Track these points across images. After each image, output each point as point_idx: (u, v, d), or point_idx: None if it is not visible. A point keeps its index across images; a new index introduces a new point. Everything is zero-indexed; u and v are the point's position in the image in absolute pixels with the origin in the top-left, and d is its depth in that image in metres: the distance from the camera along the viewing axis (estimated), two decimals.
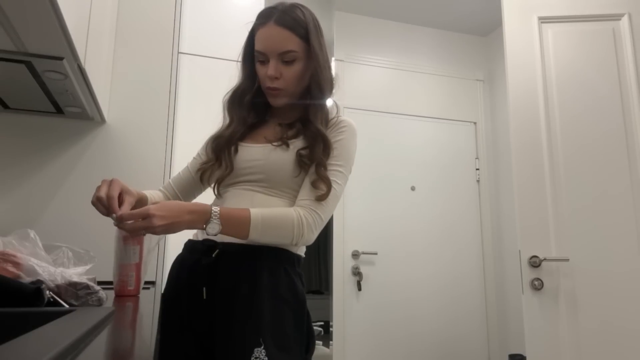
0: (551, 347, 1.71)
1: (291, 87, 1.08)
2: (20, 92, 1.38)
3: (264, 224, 0.96)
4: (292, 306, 1.01)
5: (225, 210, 0.96)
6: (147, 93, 1.76)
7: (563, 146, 1.84)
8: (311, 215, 1.00)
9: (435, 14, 3.19)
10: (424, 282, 2.98)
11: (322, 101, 1.09)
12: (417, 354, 2.88)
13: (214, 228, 0.93)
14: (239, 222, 0.96)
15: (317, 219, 1.01)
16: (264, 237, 0.98)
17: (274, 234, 0.98)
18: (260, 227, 0.96)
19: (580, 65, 1.90)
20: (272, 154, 1.05)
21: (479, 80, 3.37)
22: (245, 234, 0.96)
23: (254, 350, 0.91)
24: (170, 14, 1.84)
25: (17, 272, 0.79)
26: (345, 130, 1.09)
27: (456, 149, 3.23)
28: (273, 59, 1.05)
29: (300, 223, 0.99)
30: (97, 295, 0.84)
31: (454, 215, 3.13)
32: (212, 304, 0.99)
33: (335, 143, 1.07)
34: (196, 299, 1.00)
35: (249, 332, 0.94)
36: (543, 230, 1.78)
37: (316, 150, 1.04)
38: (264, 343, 0.92)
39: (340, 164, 1.06)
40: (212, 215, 0.93)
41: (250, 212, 0.96)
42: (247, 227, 0.95)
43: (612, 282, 1.72)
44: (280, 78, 1.06)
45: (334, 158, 1.06)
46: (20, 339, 0.48)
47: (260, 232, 0.96)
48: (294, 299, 1.01)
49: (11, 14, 0.87)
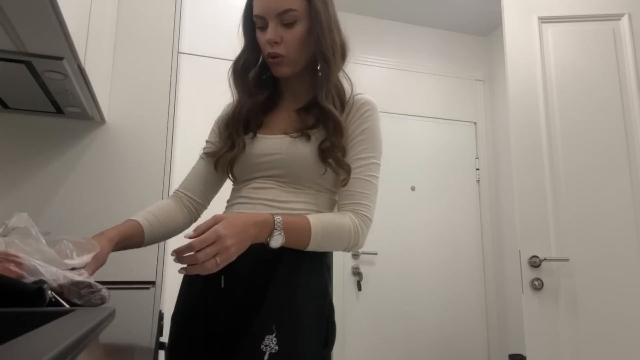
0: (551, 347, 1.71)
1: (293, 52, 0.97)
2: (20, 92, 1.38)
3: (324, 235, 0.91)
4: (312, 295, 0.93)
5: (287, 220, 0.89)
6: (147, 93, 1.76)
7: (563, 146, 1.84)
8: (364, 221, 0.96)
9: (435, 14, 3.19)
10: (424, 282, 2.98)
11: (330, 70, 0.98)
12: (417, 354, 2.88)
13: (277, 241, 0.87)
14: (301, 233, 0.90)
15: (368, 223, 0.97)
16: (320, 247, 0.93)
17: (331, 244, 0.94)
18: (320, 239, 0.91)
19: (581, 65, 1.90)
20: (292, 147, 0.97)
21: (479, 80, 3.37)
22: (305, 244, 0.91)
23: (265, 337, 0.85)
24: (170, 14, 1.84)
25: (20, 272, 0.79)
26: (370, 115, 1.00)
27: (456, 149, 3.23)
28: (272, 22, 0.95)
29: (356, 232, 0.94)
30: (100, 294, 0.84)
31: (454, 215, 3.13)
32: (231, 293, 0.94)
33: (363, 132, 0.99)
34: (214, 288, 0.95)
35: (262, 319, 0.88)
36: (543, 230, 1.78)
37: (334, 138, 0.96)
38: (276, 330, 0.86)
39: (373, 155, 0.99)
40: (276, 226, 0.87)
41: (310, 223, 0.91)
42: (308, 238, 0.90)
43: (612, 282, 1.72)
44: (281, 43, 0.96)
45: (366, 150, 0.99)
46: (20, 339, 0.48)
47: (319, 243, 0.92)
48: (315, 289, 0.94)
49: (11, 14, 0.87)
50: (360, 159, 0.98)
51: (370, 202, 0.98)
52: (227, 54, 2.10)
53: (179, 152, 1.83)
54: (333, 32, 0.99)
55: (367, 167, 0.98)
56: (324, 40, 0.96)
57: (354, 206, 0.97)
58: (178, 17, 1.87)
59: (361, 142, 0.99)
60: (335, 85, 1.00)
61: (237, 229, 0.82)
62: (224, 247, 0.79)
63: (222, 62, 2.04)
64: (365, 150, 0.99)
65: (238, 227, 0.82)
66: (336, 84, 1.00)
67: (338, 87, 1.01)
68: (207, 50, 2.02)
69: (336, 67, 0.99)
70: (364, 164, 0.98)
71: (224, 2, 2.10)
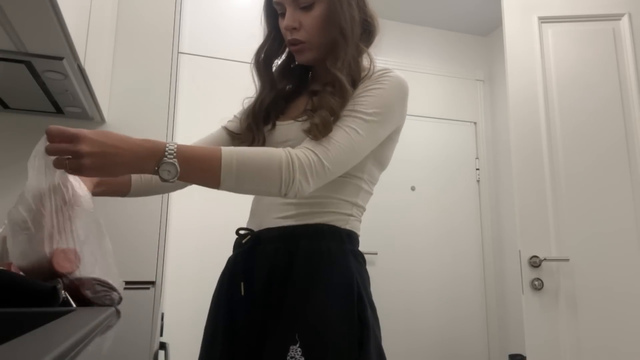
0: (551, 347, 1.70)
1: (314, 37, 0.91)
2: (20, 92, 1.38)
3: (240, 165, 0.74)
4: (335, 294, 0.83)
5: (185, 147, 0.73)
6: (147, 93, 1.76)
7: (563, 146, 1.84)
8: (307, 156, 0.78)
9: (435, 14, 3.19)
10: (424, 282, 2.98)
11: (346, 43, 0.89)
12: (417, 354, 2.88)
13: (169, 171, 0.70)
14: (205, 162, 0.73)
15: (316, 162, 0.78)
16: (240, 183, 0.75)
17: (254, 178, 0.76)
18: (235, 172, 0.74)
19: (581, 65, 1.90)
20: (300, 132, 0.86)
21: (479, 80, 3.37)
22: (216, 180, 0.74)
23: (290, 348, 0.77)
24: (170, 14, 1.84)
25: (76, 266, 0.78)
26: (387, 81, 0.87)
27: (456, 149, 3.23)
28: (289, 7, 0.90)
29: (289, 165, 0.76)
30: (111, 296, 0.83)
31: (454, 215, 3.13)
32: (252, 300, 0.87)
33: (368, 92, 0.86)
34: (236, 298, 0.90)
35: (284, 327, 0.81)
36: (543, 230, 1.78)
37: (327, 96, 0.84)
38: (299, 340, 0.78)
39: (366, 112, 0.83)
40: (167, 152, 0.71)
41: (221, 151, 0.74)
42: (217, 171, 0.73)
43: (612, 282, 1.72)
44: (300, 28, 0.90)
45: (360, 105, 0.84)
46: (20, 339, 0.48)
47: (236, 177, 0.74)
48: (338, 285, 0.84)
49: (11, 14, 0.87)
50: (349, 111, 0.84)
51: (332, 147, 0.80)
52: (227, 54, 2.11)
53: None
54: (353, 8, 0.91)
55: (352, 119, 0.83)
56: (342, 15, 0.89)
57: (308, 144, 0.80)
58: (178, 17, 1.87)
59: (361, 98, 0.85)
60: (350, 62, 0.89)
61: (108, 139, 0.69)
62: (76, 151, 0.67)
63: (222, 62, 2.05)
64: (360, 105, 0.84)
65: (109, 139, 0.69)
66: (351, 62, 0.90)
67: (352, 66, 0.90)
68: (207, 50, 2.02)
69: (352, 42, 0.90)
70: (350, 115, 0.83)
71: (224, 2, 2.10)
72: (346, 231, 0.90)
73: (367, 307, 0.86)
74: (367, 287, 0.90)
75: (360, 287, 0.86)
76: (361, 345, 0.81)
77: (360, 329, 0.82)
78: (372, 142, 0.86)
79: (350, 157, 0.83)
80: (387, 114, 0.87)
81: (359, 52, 0.93)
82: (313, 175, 0.78)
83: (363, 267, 0.92)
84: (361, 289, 0.86)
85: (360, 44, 0.93)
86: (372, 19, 0.97)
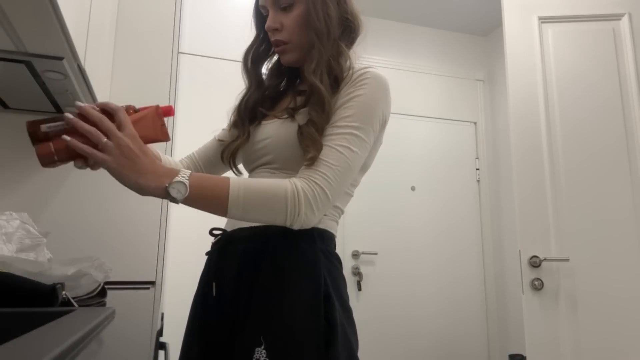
0: (551, 347, 1.70)
1: (295, 37, 0.92)
2: (20, 92, 1.38)
3: (247, 196, 0.76)
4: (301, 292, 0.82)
5: (199, 174, 0.77)
6: (147, 93, 1.76)
7: (563, 145, 1.84)
8: (311, 188, 0.79)
9: (435, 14, 3.19)
10: (424, 282, 2.98)
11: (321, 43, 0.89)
12: (417, 354, 2.88)
13: (179, 190, 0.73)
14: (214, 188, 0.76)
15: (320, 194, 0.79)
16: (247, 212, 0.78)
17: (260, 210, 0.78)
18: (242, 201, 0.76)
19: (581, 65, 1.90)
20: (280, 130, 0.89)
21: (479, 80, 3.37)
22: (221, 206, 0.76)
23: (255, 350, 0.77)
24: (170, 14, 1.84)
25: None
26: (367, 84, 0.86)
27: (456, 149, 3.23)
28: (271, 9, 0.92)
29: (295, 197, 0.78)
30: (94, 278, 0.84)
31: (454, 215, 3.13)
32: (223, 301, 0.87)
33: (352, 99, 0.85)
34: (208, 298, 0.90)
35: (249, 329, 0.80)
36: (543, 230, 1.78)
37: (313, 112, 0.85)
38: (264, 342, 0.77)
39: (354, 125, 0.83)
40: (181, 172, 0.74)
41: (230, 180, 0.77)
42: (225, 198, 0.76)
43: (612, 282, 1.72)
44: (282, 29, 0.92)
45: (347, 118, 0.84)
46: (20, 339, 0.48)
47: (243, 207, 0.76)
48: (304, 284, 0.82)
49: (11, 14, 0.87)
50: (337, 126, 0.84)
51: (331, 173, 0.80)
52: (226, 54, 2.11)
53: (179, 152, 1.82)
54: (328, 6, 0.91)
55: (342, 136, 0.83)
56: (316, 13, 0.89)
57: (307, 172, 0.81)
58: (178, 17, 1.87)
59: (346, 109, 0.85)
60: (328, 61, 0.89)
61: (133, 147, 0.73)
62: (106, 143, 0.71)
63: (222, 62, 2.05)
64: (346, 119, 0.84)
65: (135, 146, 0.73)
66: (329, 60, 0.89)
67: (331, 64, 0.89)
68: (207, 50, 2.02)
69: (328, 41, 0.90)
70: (339, 132, 0.83)
71: (224, 2, 2.10)
72: (318, 230, 0.88)
73: (336, 307, 0.84)
74: (340, 288, 0.89)
75: (329, 287, 0.84)
76: (327, 346, 0.79)
77: (327, 329, 0.80)
78: (364, 154, 0.87)
79: (347, 177, 0.83)
80: (374, 120, 0.87)
81: (339, 51, 0.92)
82: (319, 206, 0.80)
83: (335, 266, 0.89)
84: (330, 288, 0.84)
85: (340, 42, 0.93)
86: (353, 17, 0.97)
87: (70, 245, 1.50)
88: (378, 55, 3.15)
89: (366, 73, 0.88)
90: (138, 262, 1.60)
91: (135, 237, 1.60)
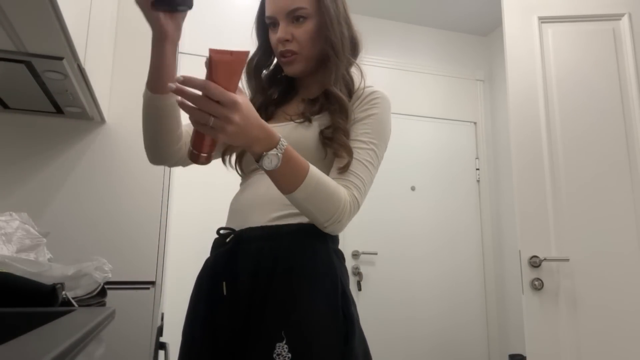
0: (551, 347, 1.71)
1: (305, 49, 0.97)
2: (20, 92, 1.38)
3: (318, 186, 0.82)
4: (320, 288, 0.86)
5: (292, 150, 0.80)
6: None
7: (563, 146, 1.84)
8: (353, 202, 0.88)
9: (435, 14, 3.19)
10: (424, 282, 2.98)
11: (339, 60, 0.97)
12: (417, 354, 2.88)
13: (272, 161, 0.76)
14: (297, 169, 0.80)
15: (355, 207, 0.89)
16: (307, 201, 0.83)
17: (319, 204, 0.83)
18: (312, 190, 0.82)
19: (580, 65, 1.90)
20: (294, 132, 0.94)
21: (479, 80, 3.37)
22: (293, 186, 0.81)
23: (276, 345, 0.79)
24: None
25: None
26: (379, 103, 0.96)
27: (456, 149, 3.23)
28: (282, 21, 0.97)
29: (346, 205, 0.86)
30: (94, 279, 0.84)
31: (454, 215, 3.13)
32: (235, 300, 0.88)
33: (369, 117, 0.94)
34: (217, 298, 0.90)
35: (269, 325, 0.82)
36: (543, 230, 1.78)
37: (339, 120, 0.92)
38: (286, 337, 0.80)
39: (373, 142, 0.93)
40: (279, 145, 0.76)
41: (310, 168, 0.82)
42: (301, 181, 0.80)
43: (612, 282, 1.72)
44: (293, 40, 0.97)
45: (367, 134, 0.93)
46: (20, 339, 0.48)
47: (309, 194, 0.82)
48: (322, 280, 0.87)
49: (11, 14, 0.87)
50: (361, 141, 0.92)
51: (362, 187, 0.90)
52: None
53: None
54: (342, 26, 0.99)
55: (366, 151, 0.92)
56: (333, 32, 0.96)
57: (347, 183, 0.89)
58: None
59: (365, 125, 0.94)
60: (344, 76, 0.98)
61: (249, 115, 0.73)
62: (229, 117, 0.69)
63: None
64: (367, 134, 0.93)
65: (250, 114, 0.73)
66: (345, 75, 0.99)
67: (347, 79, 0.99)
68: (207, 50, 2.02)
69: (345, 58, 0.98)
70: (364, 147, 0.92)
71: (225, 2, 2.10)
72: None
73: (351, 302, 0.90)
74: (349, 285, 0.95)
75: (344, 284, 0.90)
76: (346, 340, 0.84)
77: (345, 324, 0.85)
78: (378, 169, 0.96)
79: (369, 188, 0.93)
80: (387, 137, 0.97)
81: (350, 65, 1.01)
82: (350, 217, 0.89)
83: (344, 265, 0.96)
84: (345, 285, 0.90)
85: (350, 57, 1.02)
86: (358, 35, 1.06)
87: (70, 245, 1.50)
88: (378, 55, 3.15)
89: (376, 92, 0.98)
90: (138, 262, 1.60)
91: (135, 237, 1.60)
